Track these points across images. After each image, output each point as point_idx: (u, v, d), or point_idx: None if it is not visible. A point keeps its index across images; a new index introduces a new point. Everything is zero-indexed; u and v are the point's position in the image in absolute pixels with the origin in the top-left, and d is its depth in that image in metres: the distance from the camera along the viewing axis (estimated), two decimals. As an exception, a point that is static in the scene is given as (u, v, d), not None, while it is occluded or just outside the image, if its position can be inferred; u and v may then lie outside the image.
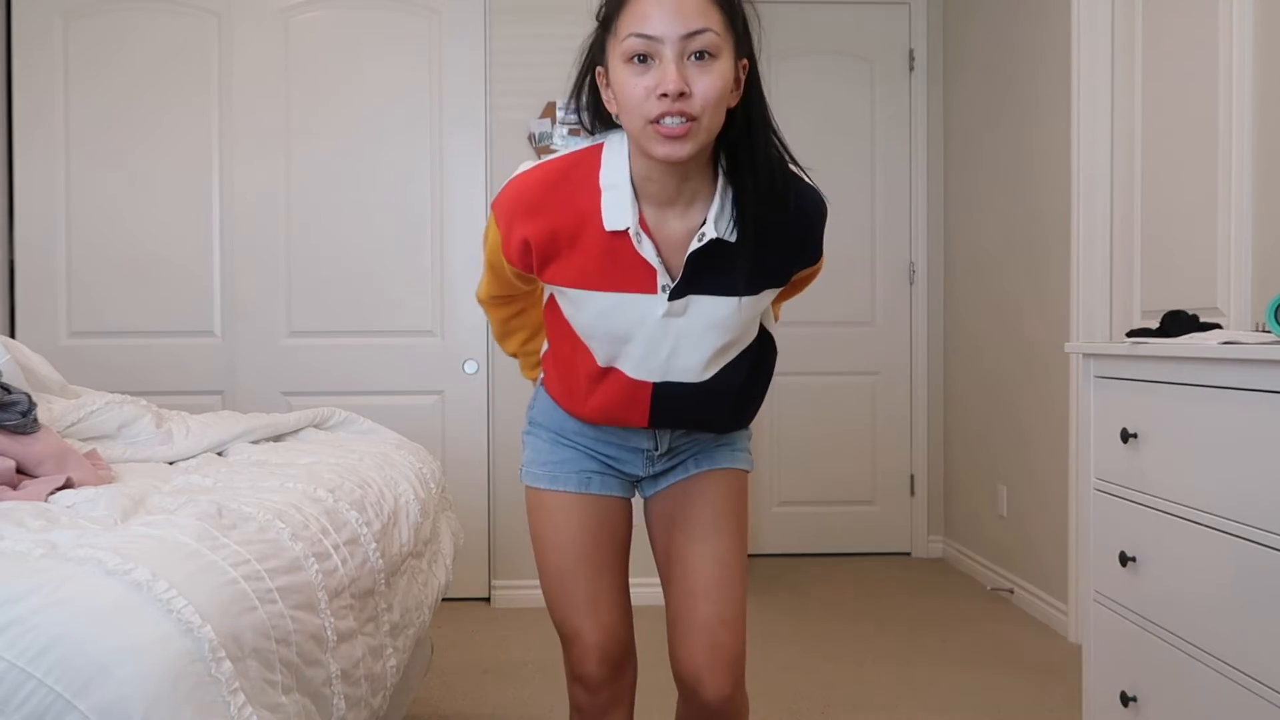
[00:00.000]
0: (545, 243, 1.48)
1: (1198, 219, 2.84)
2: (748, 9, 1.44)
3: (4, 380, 2.02)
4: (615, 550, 1.73)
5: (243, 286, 3.94)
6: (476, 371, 3.97)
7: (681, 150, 1.36)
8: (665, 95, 1.34)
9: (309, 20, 3.95)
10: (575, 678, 1.72)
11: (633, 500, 1.78)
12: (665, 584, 1.75)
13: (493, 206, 1.53)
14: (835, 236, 1.77)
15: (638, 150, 1.42)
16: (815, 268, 1.60)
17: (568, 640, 1.72)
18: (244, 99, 3.92)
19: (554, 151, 3.86)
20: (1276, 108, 2.53)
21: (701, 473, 1.70)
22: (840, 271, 4.69)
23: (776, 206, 1.45)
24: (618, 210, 1.44)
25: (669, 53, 1.34)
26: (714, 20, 1.36)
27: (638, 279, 1.46)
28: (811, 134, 4.64)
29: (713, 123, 1.38)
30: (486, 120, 3.95)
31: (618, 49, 1.38)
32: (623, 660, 1.71)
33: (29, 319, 3.88)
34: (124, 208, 3.91)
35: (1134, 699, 2.17)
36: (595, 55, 1.47)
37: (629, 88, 1.37)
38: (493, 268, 1.65)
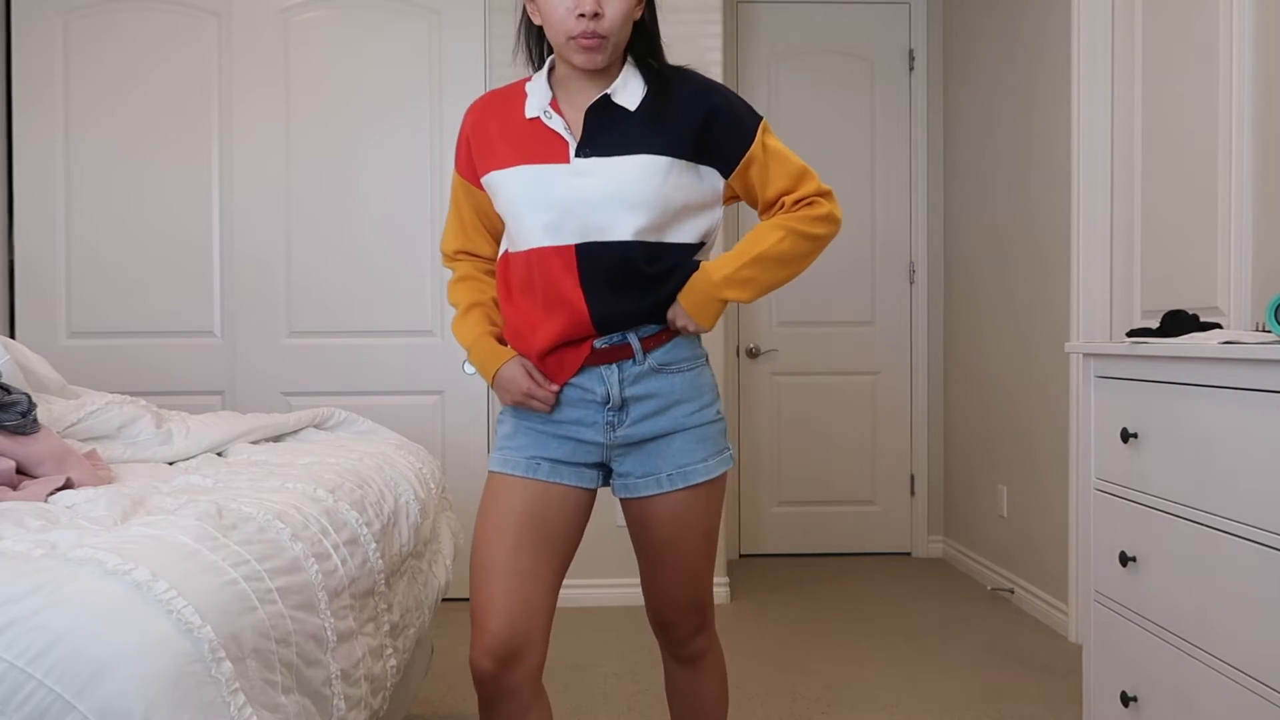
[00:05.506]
0: (479, 136, 1.76)
1: (1198, 219, 2.84)
2: None
3: (4, 380, 2.01)
4: (546, 539, 1.73)
5: (243, 286, 3.94)
6: (476, 371, 3.96)
7: (596, 59, 1.64)
8: (583, 15, 1.59)
9: (309, 20, 3.95)
10: (470, 660, 1.70)
11: (594, 495, 1.80)
12: (639, 557, 1.83)
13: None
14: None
15: (561, 58, 1.69)
16: (756, 148, 1.72)
17: (471, 618, 1.71)
18: (244, 99, 3.92)
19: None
20: (1277, 108, 2.53)
21: (677, 491, 1.73)
22: (840, 271, 4.70)
23: (673, 78, 1.72)
24: (535, 101, 1.72)
25: None
26: None
27: (553, 152, 1.69)
28: (811, 133, 4.65)
29: (620, 38, 1.65)
30: (486, 120, 3.95)
31: None
32: (515, 655, 1.66)
33: (29, 319, 3.88)
34: (123, 207, 3.91)
35: (1134, 699, 2.17)
36: None
37: (552, 6, 1.62)
38: (456, 205, 1.85)
